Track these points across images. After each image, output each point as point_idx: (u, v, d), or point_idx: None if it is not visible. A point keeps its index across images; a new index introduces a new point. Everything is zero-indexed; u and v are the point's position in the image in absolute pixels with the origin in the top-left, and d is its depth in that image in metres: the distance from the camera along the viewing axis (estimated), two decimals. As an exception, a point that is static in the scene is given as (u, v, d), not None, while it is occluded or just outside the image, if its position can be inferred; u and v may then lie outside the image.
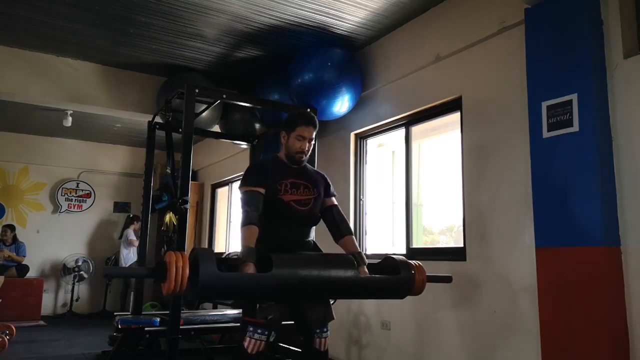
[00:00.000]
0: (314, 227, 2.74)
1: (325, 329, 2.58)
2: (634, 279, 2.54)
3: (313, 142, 2.72)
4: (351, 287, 2.48)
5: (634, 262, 2.55)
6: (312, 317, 2.49)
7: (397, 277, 2.55)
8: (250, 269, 2.30)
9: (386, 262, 2.67)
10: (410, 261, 2.63)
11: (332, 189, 2.82)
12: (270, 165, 2.69)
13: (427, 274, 2.62)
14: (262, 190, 2.55)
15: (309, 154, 2.74)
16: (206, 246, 7.78)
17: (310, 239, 2.70)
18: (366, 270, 2.55)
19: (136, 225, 7.88)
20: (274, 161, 2.73)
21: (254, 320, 2.43)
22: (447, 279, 2.85)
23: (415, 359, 3.78)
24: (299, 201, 2.60)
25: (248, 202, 2.53)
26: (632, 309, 2.53)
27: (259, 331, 2.41)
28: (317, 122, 2.73)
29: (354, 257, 2.54)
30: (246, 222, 2.47)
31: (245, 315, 2.51)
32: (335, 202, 2.82)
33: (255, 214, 2.48)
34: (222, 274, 2.21)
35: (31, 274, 7.74)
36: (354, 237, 2.78)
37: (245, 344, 2.42)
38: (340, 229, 2.75)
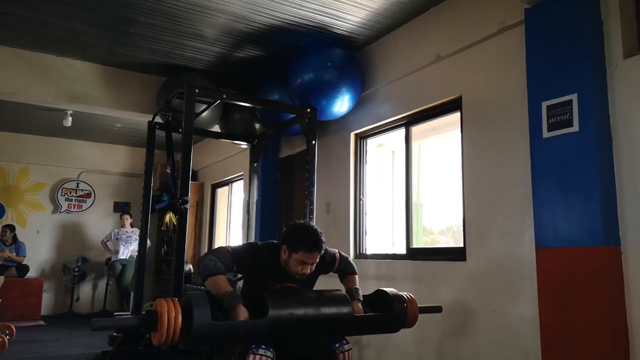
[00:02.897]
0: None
1: (344, 342, 2.46)
2: (634, 279, 2.54)
3: (317, 261, 2.50)
4: (347, 325, 2.45)
5: (634, 262, 2.55)
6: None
7: (390, 314, 2.58)
8: (242, 312, 2.20)
9: (379, 295, 2.69)
10: (402, 294, 2.65)
11: (329, 258, 2.67)
12: (269, 265, 2.52)
13: (418, 305, 2.65)
14: (236, 274, 2.53)
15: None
16: (206, 247, 7.79)
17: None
18: (360, 306, 2.54)
19: (125, 220, 7.84)
20: (274, 261, 2.52)
21: None
22: (437, 309, 2.89)
23: (415, 358, 3.78)
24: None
25: (220, 257, 2.39)
26: (632, 309, 2.53)
27: (263, 346, 2.27)
28: (322, 245, 2.45)
29: (349, 293, 2.54)
30: (213, 272, 2.32)
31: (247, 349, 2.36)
32: (338, 260, 2.73)
33: (222, 268, 2.35)
34: (217, 323, 2.11)
35: (31, 274, 7.73)
36: (356, 276, 2.74)
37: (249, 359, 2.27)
38: (344, 273, 2.74)
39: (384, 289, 2.72)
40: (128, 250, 7.67)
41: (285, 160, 5.92)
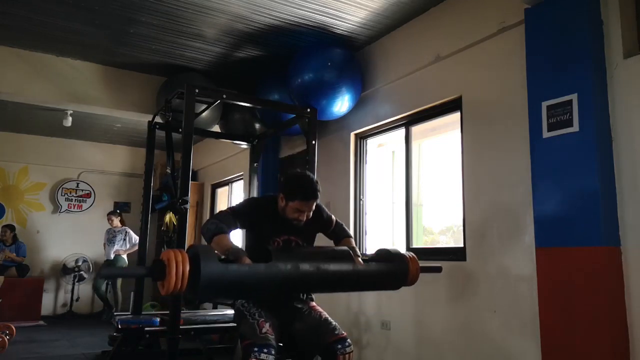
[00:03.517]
0: None
1: (346, 344, 2.44)
2: (634, 279, 2.54)
3: (314, 209, 2.53)
4: (350, 279, 2.46)
5: (634, 262, 2.55)
6: (324, 332, 2.42)
7: (392, 266, 2.56)
8: (248, 262, 2.21)
9: (380, 254, 2.67)
10: (403, 252, 2.64)
11: (325, 215, 2.71)
12: (268, 217, 2.55)
13: (420, 265, 2.63)
14: (240, 229, 2.53)
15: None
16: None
17: None
18: (361, 261, 2.54)
19: (114, 219, 7.74)
20: (273, 212, 2.55)
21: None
22: (437, 269, 2.88)
23: (415, 359, 3.78)
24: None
25: (222, 218, 2.42)
26: (632, 309, 2.53)
27: (265, 350, 2.25)
28: (318, 192, 2.49)
29: (350, 250, 2.55)
30: (216, 232, 2.34)
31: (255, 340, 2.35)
32: (334, 222, 2.76)
33: (225, 227, 2.37)
34: (225, 265, 2.13)
35: (31, 274, 7.73)
36: (352, 239, 2.76)
37: None
38: (340, 237, 2.75)
39: (385, 248, 2.71)
40: (112, 250, 7.50)
41: (285, 160, 5.92)
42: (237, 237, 7.01)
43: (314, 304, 2.60)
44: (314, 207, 2.51)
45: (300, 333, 2.47)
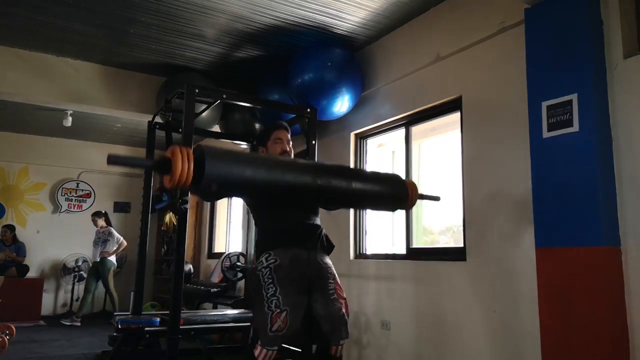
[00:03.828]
0: (318, 216, 2.63)
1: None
2: (634, 279, 2.54)
3: (291, 146, 2.74)
4: (353, 193, 2.48)
5: (634, 262, 2.55)
6: (328, 331, 2.40)
7: (391, 188, 2.60)
8: None
9: (379, 175, 2.71)
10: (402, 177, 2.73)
11: None
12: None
13: (418, 192, 2.69)
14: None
15: (292, 154, 2.76)
16: (206, 247, 7.79)
17: (317, 222, 2.59)
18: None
19: (98, 220, 7.65)
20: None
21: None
22: (436, 198, 2.92)
23: (415, 359, 3.78)
24: None
25: None
26: (632, 309, 2.53)
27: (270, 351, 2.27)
28: (288, 127, 2.78)
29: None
30: None
31: (256, 340, 2.35)
32: None
33: None
34: (230, 150, 2.19)
35: (31, 274, 7.74)
36: None
37: (257, 352, 2.29)
38: None
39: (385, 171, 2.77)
40: (98, 252, 7.42)
41: (285, 160, 5.91)
42: (237, 237, 7.00)
43: (338, 282, 2.55)
44: (289, 138, 2.72)
45: (317, 320, 2.40)
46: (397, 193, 2.59)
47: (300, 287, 2.37)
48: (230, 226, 7.44)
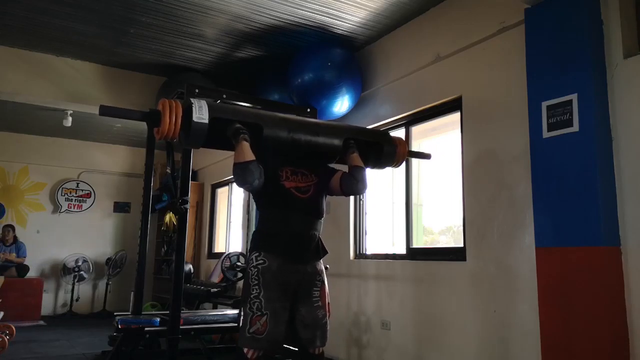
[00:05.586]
0: (321, 222, 2.61)
1: (320, 344, 2.53)
2: (634, 279, 2.54)
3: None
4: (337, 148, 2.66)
5: (634, 262, 2.55)
6: (306, 338, 2.45)
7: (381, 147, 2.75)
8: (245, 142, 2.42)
9: (368, 131, 2.85)
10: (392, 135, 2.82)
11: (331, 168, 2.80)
12: (270, 151, 2.64)
13: (408, 150, 2.80)
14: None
15: None
16: (206, 247, 7.79)
17: (316, 232, 2.57)
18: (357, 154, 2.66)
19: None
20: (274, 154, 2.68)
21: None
22: (426, 156, 3.01)
23: (415, 359, 3.78)
24: (298, 188, 2.55)
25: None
26: (632, 309, 2.53)
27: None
28: None
29: (345, 144, 2.69)
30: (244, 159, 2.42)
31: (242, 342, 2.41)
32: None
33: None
34: (218, 103, 2.32)
35: (31, 274, 7.73)
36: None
37: (246, 350, 2.36)
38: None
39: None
40: None
41: (285, 160, 5.91)
42: (237, 237, 7.00)
43: (325, 289, 2.57)
44: None
45: (297, 327, 2.46)
46: (384, 146, 2.75)
47: (284, 293, 2.42)
48: (230, 226, 7.44)
